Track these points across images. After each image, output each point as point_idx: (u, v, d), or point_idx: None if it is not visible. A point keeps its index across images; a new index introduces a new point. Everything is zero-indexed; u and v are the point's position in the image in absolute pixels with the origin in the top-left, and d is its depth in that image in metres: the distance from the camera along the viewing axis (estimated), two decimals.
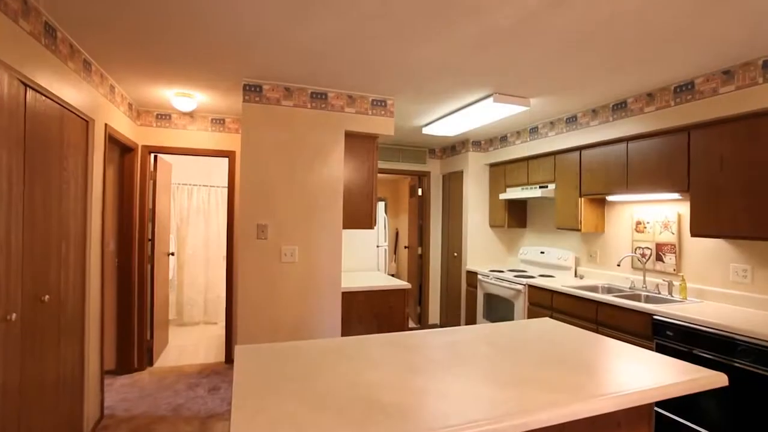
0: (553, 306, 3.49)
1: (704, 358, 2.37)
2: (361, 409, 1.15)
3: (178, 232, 5.55)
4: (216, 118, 4.02)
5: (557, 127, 3.82)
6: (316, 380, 1.35)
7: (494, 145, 4.75)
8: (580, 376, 1.42)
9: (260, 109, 2.98)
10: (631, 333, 2.80)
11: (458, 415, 1.12)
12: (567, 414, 1.18)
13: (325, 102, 3.13)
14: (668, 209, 3.19)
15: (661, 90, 2.91)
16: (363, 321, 3.36)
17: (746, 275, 2.69)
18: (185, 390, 3.37)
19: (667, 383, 1.37)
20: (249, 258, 2.94)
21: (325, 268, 3.12)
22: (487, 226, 4.94)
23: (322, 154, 3.12)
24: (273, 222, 2.99)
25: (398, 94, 3.25)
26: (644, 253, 3.36)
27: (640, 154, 3.08)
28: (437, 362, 1.54)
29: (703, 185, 2.66)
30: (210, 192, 5.69)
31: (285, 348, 1.67)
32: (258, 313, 2.94)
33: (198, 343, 4.67)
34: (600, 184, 3.42)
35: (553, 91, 3.09)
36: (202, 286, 5.59)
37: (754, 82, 2.38)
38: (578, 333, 1.98)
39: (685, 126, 2.76)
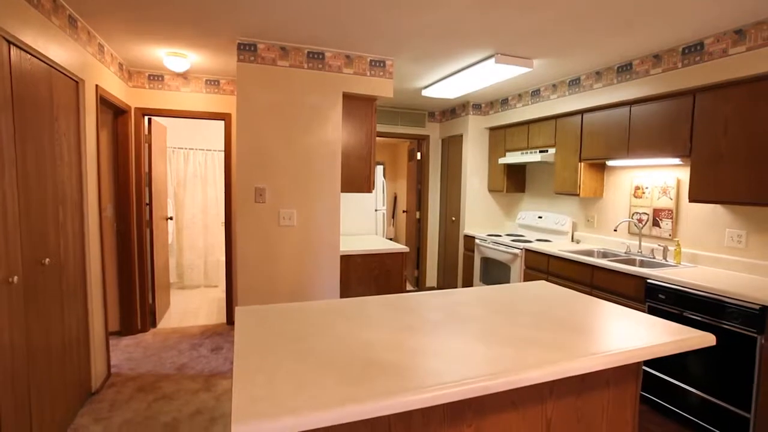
0: (549, 270, 3.54)
1: (694, 320, 2.43)
2: (359, 367, 1.18)
3: (176, 197, 5.53)
4: (210, 80, 3.91)
5: (560, 90, 3.74)
6: (316, 340, 1.38)
7: (495, 108, 4.66)
8: (572, 336, 1.45)
9: (255, 70, 2.89)
10: (625, 296, 2.86)
11: (453, 373, 1.15)
12: (558, 372, 1.22)
13: (322, 62, 3.04)
14: (668, 175, 3.17)
15: (668, 51, 2.82)
16: (361, 284, 3.41)
17: (741, 240, 2.72)
18: (188, 350, 3.47)
19: (655, 343, 1.40)
20: (247, 222, 2.94)
21: (323, 232, 3.14)
22: (486, 191, 4.93)
23: (320, 116, 3.06)
24: (271, 185, 2.98)
25: (398, 55, 3.15)
26: (641, 218, 3.37)
27: (643, 118, 3.02)
28: (434, 323, 1.58)
29: (705, 150, 2.63)
30: (207, 156, 5.63)
31: (285, 309, 1.70)
32: (257, 276, 2.98)
33: (199, 306, 4.76)
34: (601, 149, 3.38)
35: (557, 52, 2.99)
36: (201, 250, 5.64)
37: (765, 42, 2.31)
38: (572, 295, 2.02)
39: (691, 89, 2.70)
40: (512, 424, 1.41)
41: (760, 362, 2.13)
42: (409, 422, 1.25)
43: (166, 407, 2.57)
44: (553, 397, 1.48)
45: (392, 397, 1.02)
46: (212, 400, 2.66)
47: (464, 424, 1.34)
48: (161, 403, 2.61)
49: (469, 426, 1.34)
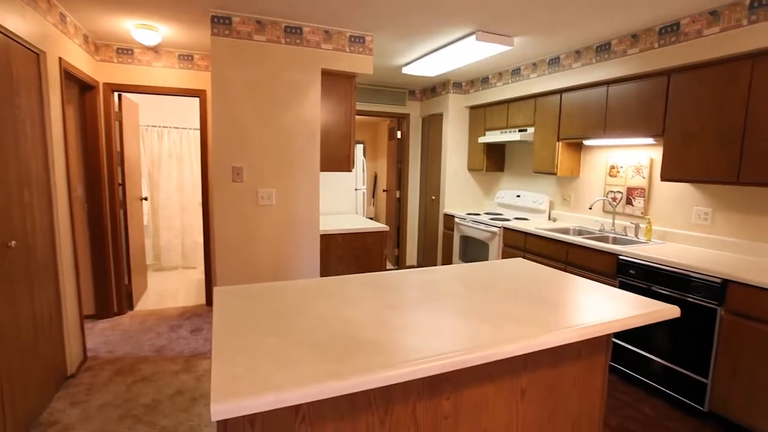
0: (526, 247, 3.62)
1: (661, 293, 2.54)
2: (339, 344, 1.20)
3: (151, 177, 5.37)
4: (183, 54, 3.76)
5: (539, 69, 3.74)
6: (296, 318, 1.39)
7: (475, 86, 4.64)
8: (546, 311, 1.50)
9: (230, 44, 2.79)
10: (598, 272, 2.96)
11: (431, 348, 1.18)
12: (532, 345, 1.26)
13: (300, 37, 2.95)
14: (641, 154, 3.25)
15: (646, 31, 2.84)
16: (342, 263, 3.42)
17: (707, 218, 2.83)
18: (167, 332, 3.43)
19: (624, 316, 1.46)
20: (225, 201, 2.89)
21: (303, 211, 3.11)
22: (466, 170, 4.96)
23: (298, 93, 2.99)
24: (248, 164, 2.92)
25: (378, 31, 3.08)
26: (615, 197, 3.46)
27: (620, 98, 3.07)
28: (413, 300, 1.60)
29: (678, 130, 2.70)
30: (182, 134, 5.46)
31: (264, 288, 1.70)
32: (236, 256, 2.95)
33: (178, 287, 4.70)
34: (578, 128, 3.43)
35: (538, 30, 2.99)
36: (178, 230, 5.53)
37: (738, 24, 2.35)
38: (548, 272, 2.07)
39: (666, 69, 2.74)
40: (488, 395, 1.46)
41: (719, 332, 2.26)
42: (389, 397, 1.28)
43: (146, 389, 2.56)
44: (528, 369, 1.54)
45: (372, 372, 1.04)
46: (193, 381, 2.66)
47: (442, 397, 1.37)
48: (141, 385, 2.60)
49: (447, 399, 1.38)
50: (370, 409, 1.26)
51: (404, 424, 1.32)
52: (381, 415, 1.28)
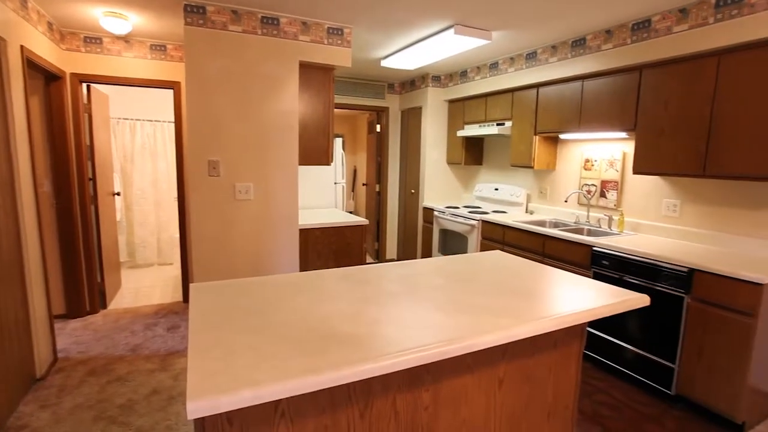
0: (505, 240, 3.68)
1: (633, 283, 2.63)
2: (317, 339, 1.19)
3: (123, 171, 5.21)
4: (156, 44, 3.64)
5: (517, 63, 3.79)
6: (274, 314, 1.37)
7: (454, 80, 4.66)
8: (524, 302, 1.53)
9: (205, 35, 2.71)
10: (573, 263, 3.03)
11: (410, 341, 1.19)
12: (509, 335, 1.28)
13: (277, 28, 2.89)
14: (615, 148, 3.34)
15: (619, 27, 2.91)
16: (321, 257, 3.40)
17: (676, 209, 2.93)
18: (143, 330, 3.36)
19: (597, 306, 1.51)
20: (201, 196, 2.83)
21: (281, 205, 3.08)
22: (445, 163, 4.99)
23: (276, 85, 2.94)
24: (225, 158, 2.86)
25: (356, 23, 3.06)
26: (590, 189, 3.55)
27: (594, 92, 3.13)
28: (392, 294, 1.60)
29: (649, 125, 2.78)
30: (156, 127, 5.30)
31: (241, 284, 1.67)
32: (214, 252, 2.90)
33: (153, 284, 4.59)
34: (554, 122, 3.49)
35: (515, 25, 3.01)
36: (153, 226, 5.39)
37: (705, 21, 2.42)
38: (525, 264, 2.11)
39: (638, 65, 2.81)
40: (467, 385, 1.49)
41: (685, 319, 2.35)
42: (369, 390, 1.29)
43: (121, 389, 2.50)
44: (506, 359, 1.57)
45: (351, 365, 1.04)
46: (170, 380, 2.61)
47: (422, 389, 1.39)
48: (115, 386, 2.54)
49: (427, 390, 1.40)
50: (350, 402, 1.26)
51: (385, 417, 1.33)
52: (361, 408, 1.28)
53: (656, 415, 2.35)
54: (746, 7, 2.24)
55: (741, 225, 2.60)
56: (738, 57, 2.32)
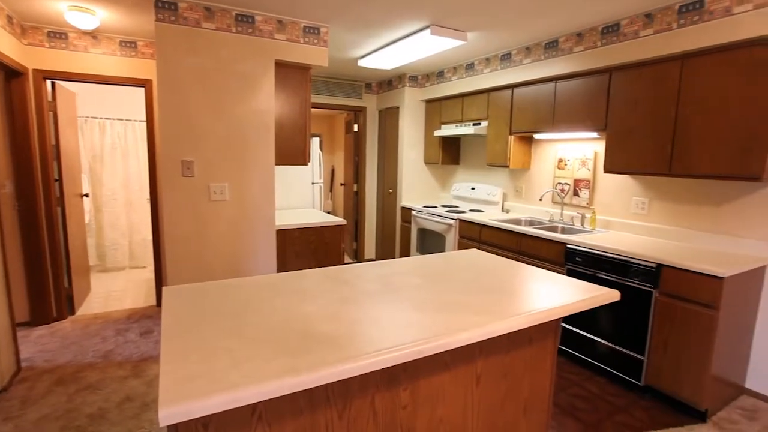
0: (481, 239, 3.74)
1: (605, 279, 2.71)
2: (296, 339, 1.18)
3: (92, 172, 5.03)
4: (126, 41, 3.53)
5: (492, 64, 3.85)
6: (250, 315, 1.35)
7: (431, 80, 4.70)
8: (499, 300, 1.56)
9: (177, 32, 2.65)
10: (548, 260, 3.10)
11: (388, 340, 1.19)
12: (486, 332, 1.30)
13: (252, 27, 2.85)
14: (587, 147, 3.43)
15: (590, 30, 2.99)
16: (299, 258, 3.38)
17: (644, 207, 3.04)
18: (114, 336, 3.25)
19: (570, 302, 1.55)
20: (175, 197, 2.76)
21: (258, 206, 3.04)
22: (422, 163, 5.02)
23: (251, 84, 2.90)
24: (199, 158, 2.80)
25: (333, 22, 3.04)
26: (563, 188, 3.64)
27: (567, 93, 3.21)
28: (370, 293, 1.61)
29: (618, 125, 2.87)
30: (126, 126, 5.14)
31: (217, 286, 1.64)
32: (188, 254, 2.84)
33: (125, 288, 4.45)
34: (529, 123, 3.56)
35: (490, 26, 3.06)
36: (125, 228, 5.23)
37: (669, 27, 2.52)
38: (501, 262, 2.15)
39: (608, 67, 2.90)
40: (445, 383, 1.50)
41: (654, 312, 2.44)
42: (347, 390, 1.28)
43: (91, 398, 2.41)
44: (482, 356, 1.59)
45: (330, 366, 1.04)
46: (143, 386, 2.54)
47: (400, 388, 1.40)
48: (84, 394, 2.45)
49: (405, 389, 1.41)
50: (329, 403, 1.26)
51: (363, 417, 1.33)
52: (340, 409, 1.28)
53: (626, 405, 2.44)
54: (706, 13, 2.34)
55: (704, 221, 2.72)
56: (699, 61, 2.42)
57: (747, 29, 2.19)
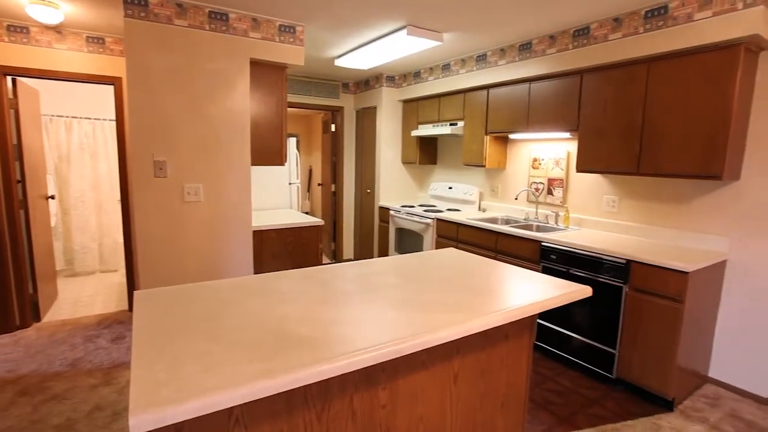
0: (459, 237, 3.78)
1: (578, 275, 2.78)
2: (272, 342, 1.17)
3: (59, 173, 4.84)
4: (93, 37, 3.41)
5: (468, 65, 3.89)
6: (226, 318, 1.33)
7: (408, 80, 4.72)
8: (476, 298, 1.58)
9: (148, 28, 2.57)
10: (524, 258, 3.16)
11: (366, 340, 1.19)
12: (462, 330, 1.32)
13: (226, 24, 2.80)
14: (560, 147, 3.52)
15: (562, 33, 3.06)
16: (276, 259, 3.34)
17: (615, 205, 3.13)
18: (83, 343, 3.14)
19: (544, 298, 1.58)
20: (147, 198, 2.68)
21: (234, 207, 2.98)
22: (400, 163, 5.04)
23: (226, 83, 2.85)
24: (172, 158, 2.73)
25: (309, 21, 3.02)
26: (538, 187, 3.71)
27: (540, 94, 3.28)
28: (348, 293, 1.60)
29: (590, 126, 2.95)
30: (95, 125, 4.96)
31: (191, 289, 1.61)
32: (162, 257, 2.76)
33: (96, 293, 4.30)
34: (504, 123, 3.62)
35: (465, 27, 3.10)
36: (95, 231, 5.05)
37: (636, 31, 2.61)
38: (478, 260, 2.18)
39: (579, 69, 2.98)
40: (423, 381, 1.51)
41: (624, 307, 2.52)
42: (325, 391, 1.28)
43: (58, 408, 2.32)
44: (460, 354, 1.61)
45: (306, 368, 1.03)
46: (114, 394, 2.46)
47: (379, 388, 1.40)
48: (51, 405, 2.35)
49: (384, 389, 1.41)
50: (307, 405, 1.25)
51: (342, 418, 1.33)
52: (318, 410, 1.27)
53: (599, 398, 2.51)
54: (670, 19, 2.44)
55: (671, 218, 2.83)
56: (664, 65, 2.51)
57: (707, 35, 2.29)
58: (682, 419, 2.31)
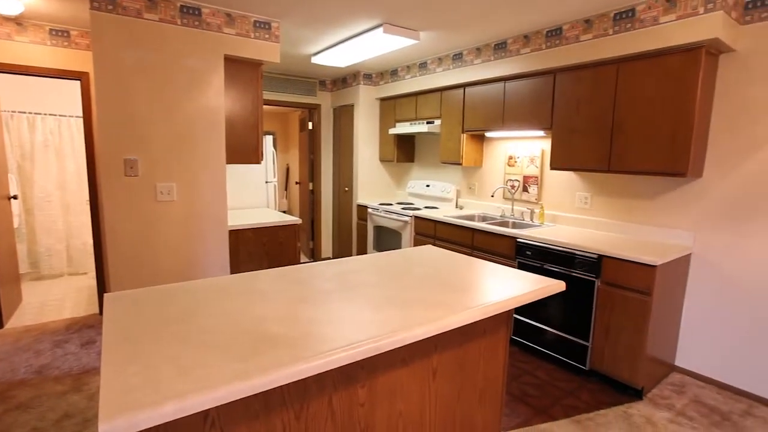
0: (436, 235, 3.81)
1: (552, 271, 2.85)
2: (248, 343, 1.15)
3: (22, 172, 4.63)
4: (57, 29, 3.27)
5: (445, 63, 3.92)
6: (200, 320, 1.30)
7: (385, 78, 4.72)
8: (453, 294, 1.60)
9: (116, 22, 2.49)
10: (500, 255, 3.22)
11: (344, 338, 1.19)
12: (440, 327, 1.34)
13: (198, 19, 2.73)
14: (534, 145, 3.59)
15: (535, 33, 3.12)
16: (253, 259, 3.29)
17: (587, 202, 3.22)
18: (51, 348, 3.02)
19: (519, 293, 1.62)
20: (117, 198, 2.60)
21: (208, 206, 2.92)
22: (377, 161, 5.04)
23: (200, 80, 2.79)
24: (144, 157, 2.66)
25: (284, 17, 2.98)
26: (513, 184, 3.78)
27: (515, 93, 3.34)
28: (326, 292, 1.60)
29: (562, 124, 3.02)
30: (61, 122, 4.77)
31: (164, 290, 1.57)
32: (134, 258, 2.68)
33: (64, 297, 4.14)
34: (480, 121, 3.67)
35: (442, 26, 3.12)
36: (62, 233, 4.86)
37: (606, 33, 2.68)
38: (455, 257, 2.21)
39: (552, 69, 3.04)
40: (402, 378, 1.52)
41: (596, 300, 2.60)
42: (303, 390, 1.27)
43: (23, 417, 2.23)
44: (438, 350, 1.63)
45: (283, 368, 1.02)
46: (84, 401, 2.38)
47: (358, 386, 1.40)
48: (15, 414, 2.26)
49: (363, 386, 1.41)
50: (285, 405, 1.24)
51: (321, 417, 1.32)
52: (296, 410, 1.26)
53: (573, 389, 2.58)
54: (637, 21, 2.52)
55: (640, 214, 2.93)
56: (632, 65, 2.60)
57: (671, 38, 2.37)
58: (650, 407, 2.40)
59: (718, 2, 2.21)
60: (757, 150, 2.41)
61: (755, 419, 2.31)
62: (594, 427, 2.22)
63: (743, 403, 2.45)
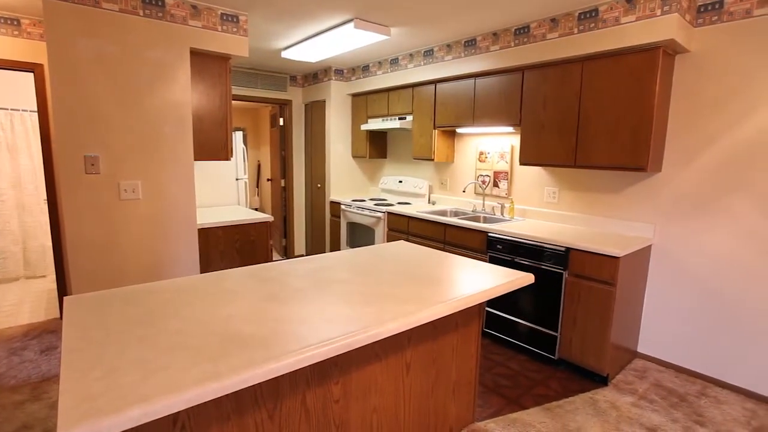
0: (409, 230, 3.84)
1: (523, 264, 2.92)
2: (217, 343, 1.13)
3: None
4: (6, 17, 3.08)
5: (416, 60, 3.94)
6: (168, 321, 1.27)
7: (356, 74, 4.70)
8: (426, 289, 1.61)
9: (72, 11, 2.37)
10: (472, 249, 3.27)
11: (316, 336, 1.18)
12: (413, 321, 1.35)
13: (162, 10, 2.63)
14: (504, 141, 3.66)
15: (504, 31, 3.17)
16: (224, 258, 3.22)
17: (555, 196, 3.32)
18: (6, 357, 2.86)
19: (491, 286, 1.65)
20: (77, 197, 2.48)
21: (176, 204, 2.84)
22: (350, 157, 5.02)
23: (165, 74, 2.69)
24: (106, 153, 2.54)
25: (252, 10, 2.91)
26: (484, 180, 3.85)
27: (485, 90, 3.39)
28: (298, 290, 1.58)
29: (531, 121, 3.09)
30: (13, 117, 4.50)
31: (128, 292, 1.51)
32: (97, 259, 2.57)
33: (21, 301, 3.94)
34: (451, 117, 3.71)
35: (412, 22, 3.12)
36: (17, 234, 4.60)
37: (571, 31, 2.76)
38: (428, 252, 2.23)
39: (520, 66, 3.10)
40: (376, 373, 1.53)
41: (564, 292, 2.69)
42: (276, 390, 1.26)
43: None
44: (412, 345, 1.64)
45: (254, 367, 1.01)
46: (44, 410, 2.27)
47: (332, 383, 1.40)
48: None
49: (337, 383, 1.41)
50: (257, 405, 1.22)
51: (294, 415, 1.32)
52: (270, 409, 1.25)
53: (544, 379, 2.66)
54: (600, 21, 2.60)
55: (604, 208, 3.04)
56: (596, 64, 2.68)
57: (631, 38, 2.47)
58: (615, 392, 2.51)
59: (673, 5, 2.30)
60: (710, 146, 2.54)
61: (708, 399, 2.45)
62: (563, 414, 2.29)
63: (698, 385, 2.59)
